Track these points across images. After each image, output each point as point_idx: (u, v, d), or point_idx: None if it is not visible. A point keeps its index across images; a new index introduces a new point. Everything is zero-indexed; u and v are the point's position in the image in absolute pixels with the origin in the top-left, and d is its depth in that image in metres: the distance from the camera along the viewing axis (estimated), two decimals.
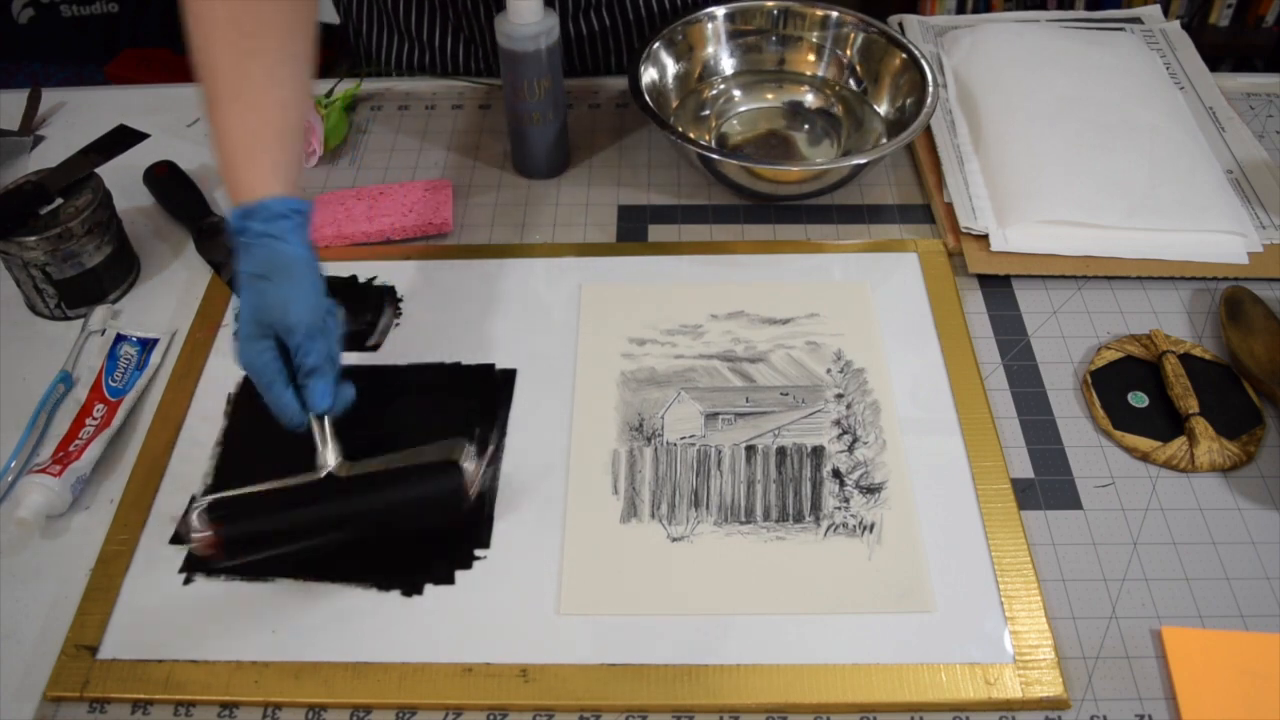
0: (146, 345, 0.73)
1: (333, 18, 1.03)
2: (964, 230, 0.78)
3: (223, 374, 0.71)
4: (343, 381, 0.60)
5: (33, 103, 0.94)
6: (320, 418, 0.59)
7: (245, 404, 0.69)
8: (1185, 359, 0.69)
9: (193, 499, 0.64)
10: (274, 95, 0.61)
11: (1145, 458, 0.65)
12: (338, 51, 1.11)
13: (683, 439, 0.66)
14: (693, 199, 0.84)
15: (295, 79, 0.63)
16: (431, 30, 0.95)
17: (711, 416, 0.67)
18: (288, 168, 0.60)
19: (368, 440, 0.66)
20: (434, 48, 0.97)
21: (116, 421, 0.68)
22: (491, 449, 0.66)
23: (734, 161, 0.79)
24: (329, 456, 0.59)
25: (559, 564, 0.60)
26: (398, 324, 0.74)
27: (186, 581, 0.60)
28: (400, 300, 0.75)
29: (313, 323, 0.58)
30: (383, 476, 0.59)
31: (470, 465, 0.59)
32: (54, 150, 0.89)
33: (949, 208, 0.80)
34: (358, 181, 0.86)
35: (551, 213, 0.83)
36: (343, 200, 0.81)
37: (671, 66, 0.88)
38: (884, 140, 0.85)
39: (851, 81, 0.90)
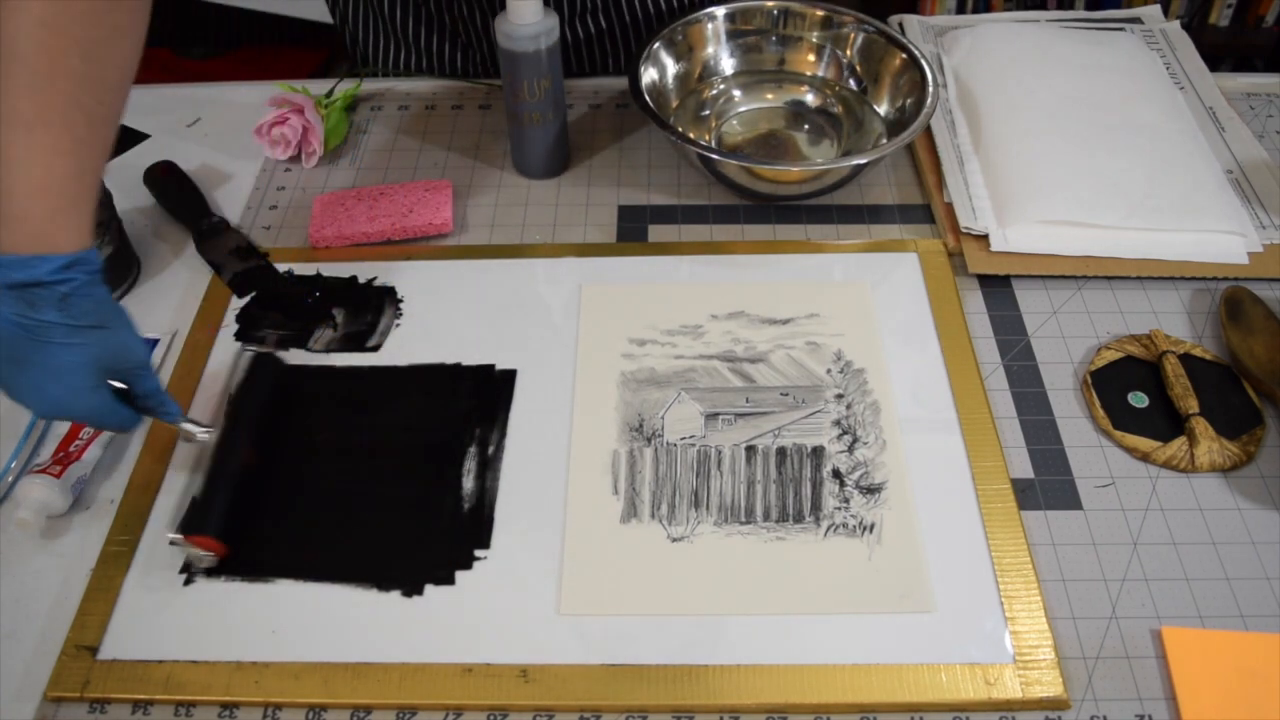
0: (147, 345, 0.73)
1: (329, 19, 1.03)
2: (964, 230, 0.78)
3: (223, 374, 0.71)
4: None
5: None
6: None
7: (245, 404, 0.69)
8: (1185, 359, 0.69)
9: (193, 499, 0.64)
10: (102, 132, 0.57)
11: (1145, 458, 0.65)
12: (336, 53, 1.11)
13: (683, 439, 0.66)
14: (693, 199, 0.84)
15: (116, 105, 0.58)
16: (429, 36, 0.95)
17: (711, 417, 0.67)
18: (93, 215, 0.57)
19: (368, 441, 0.66)
20: (430, 53, 0.97)
21: None
22: None
23: (734, 161, 0.79)
24: (205, 432, 0.64)
25: (559, 564, 0.60)
26: (398, 324, 0.74)
27: (186, 582, 0.60)
28: (400, 300, 0.75)
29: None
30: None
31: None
32: None
33: (949, 208, 0.80)
34: (358, 181, 0.86)
35: (551, 213, 0.83)
36: (343, 200, 0.81)
37: (671, 66, 0.88)
38: (884, 140, 0.85)
39: (851, 81, 0.90)
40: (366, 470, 0.65)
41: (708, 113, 0.90)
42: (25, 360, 0.55)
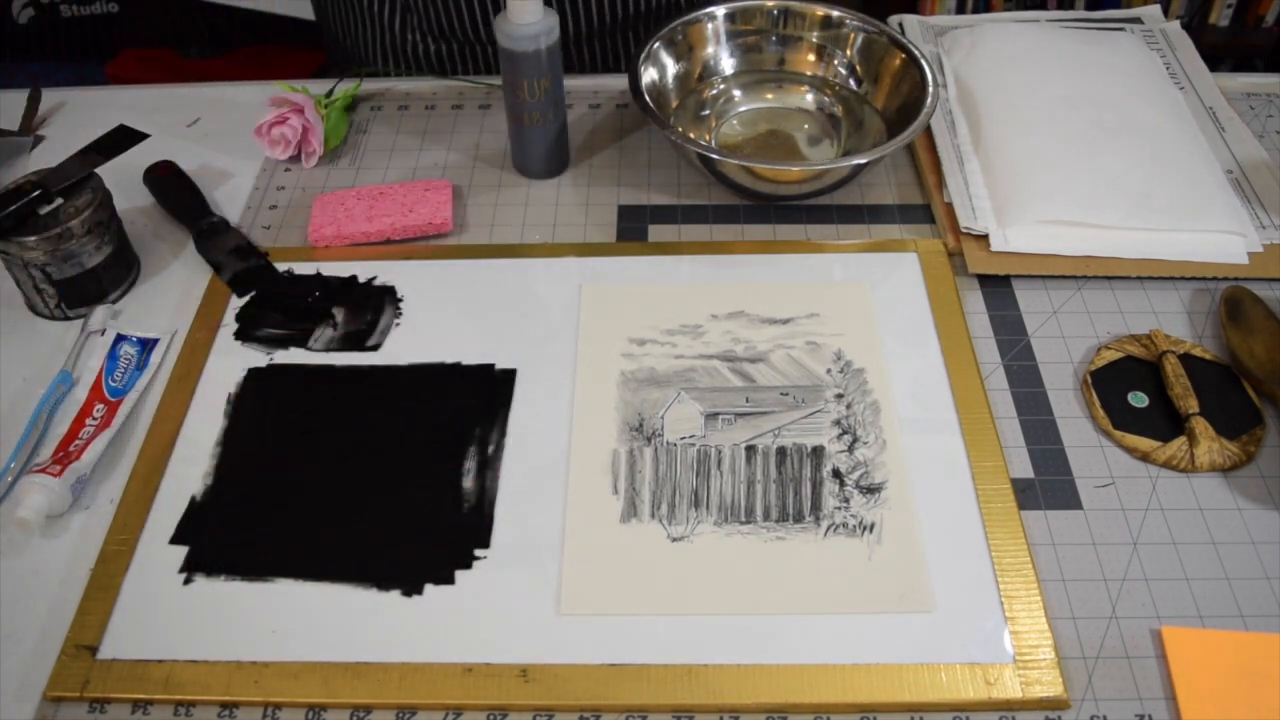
0: (146, 345, 0.73)
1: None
2: (964, 230, 0.78)
3: (223, 374, 0.71)
4: None
5: (33, 103, 0.94)
6: None
7: (245, 404, 0.69)
8: (1185, 359, 0.69)
9: (193, 498, 0.64)
10: None
11: (1145, 458, 0.65)
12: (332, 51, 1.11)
13: (683, 439, 0.66)
14: (693, 199, 0.84)
15: None
16: (404, 27, 0.96)
17: (711, 416, 0.67)
18: None
19: (368, 441, 0.66)
20: (416, 47, 0.97)
21: (116, 421, 0.68)
22: None
23: (734, 161, 0.79)
24: None
25: (559, 564, 0.60)
26: (398, 324, 0.74)
27: (186, 581, 0.60)
28: (400, 300, 0.75)
29: None
30: None
31: None
32: (54, 150, 0.89)
33: (949, 208, 0.80)
34: (358, 181, 0.86)
35: (551, 213, 0.83)
36: (343, 200, 0.81)
37: (671, 66, 0.88)
38: (884, 140, 0.85)
39: (851, 81, 0.90)
40: (366, 469, 0.65)
41: (708, 113, 0.90)
42: None
